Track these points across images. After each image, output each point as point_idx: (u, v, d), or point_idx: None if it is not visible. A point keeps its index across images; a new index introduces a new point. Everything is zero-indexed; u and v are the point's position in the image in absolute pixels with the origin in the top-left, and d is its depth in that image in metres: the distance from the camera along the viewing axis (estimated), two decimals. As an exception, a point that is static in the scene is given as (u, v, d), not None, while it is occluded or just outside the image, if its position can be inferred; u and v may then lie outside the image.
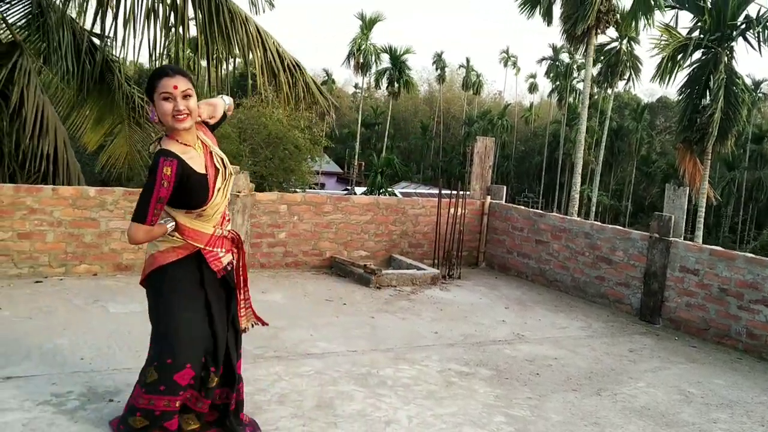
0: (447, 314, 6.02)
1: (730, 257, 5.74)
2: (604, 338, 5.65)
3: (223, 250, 3.14)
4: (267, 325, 3.51)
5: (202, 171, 2.98)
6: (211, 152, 3.08)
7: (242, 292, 3.30)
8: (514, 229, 7.98)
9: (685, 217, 6.22)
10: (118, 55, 7.74)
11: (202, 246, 3.05)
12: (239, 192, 6.65)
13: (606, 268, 6.78)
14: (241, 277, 3.27)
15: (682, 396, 4.41)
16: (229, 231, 3.20)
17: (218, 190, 3.04)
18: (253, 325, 3.44)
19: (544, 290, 7.32)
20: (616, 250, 6.69)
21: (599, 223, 7.07)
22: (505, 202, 8.60)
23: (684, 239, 6.28)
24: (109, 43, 7.51)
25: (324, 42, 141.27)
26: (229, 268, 3.18)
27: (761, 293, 5.47)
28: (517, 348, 5.16)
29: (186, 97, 2.91)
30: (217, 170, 3.06)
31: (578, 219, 7.38)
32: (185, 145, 2.97)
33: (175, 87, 2.89)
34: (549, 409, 3.98)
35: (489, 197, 8.44)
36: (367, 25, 52.59)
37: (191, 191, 2.94)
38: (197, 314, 3.06)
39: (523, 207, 8.17)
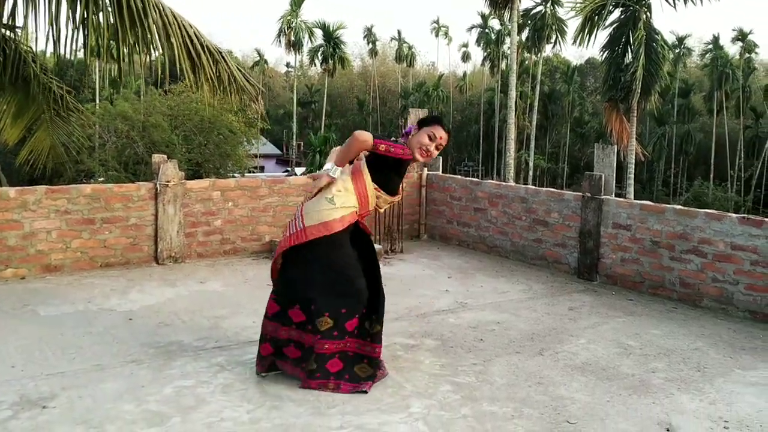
0: (391, 289, 5.99)
1: (659, 210, 5.90)
2: (545, 299, 5.76)
3: None
4: None
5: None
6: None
7: None
8: (453, 199, 8.03)
9: (614, 174, 6.36)
10: (30, 46, 7.37)
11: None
12: (168, 182, 6.48)
13: (543, 230, 6.90)
14: None
15: (622, 349, 4.53)
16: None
17: (391, 202, 4.02)
18: None
19: (485, 257, 7.40)
20: (551, 212, 6.81)
21: (533, 187, 7.17)
22: (444, 172, 8.63)
23: (617, 196, 6.42)
24: (20, 34, 7.13)
25: (255, 20, 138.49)
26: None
27: (691, 243, 5.65)
28: (461, 316, 5.20)
29: (438, 147, 3.83)
30: None
31: (513, 184, 7.47)
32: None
33: (441, 138, 3.81)
34: (494, 373, 4.03)
35: (426, 169, 8.46)
36: (296, 1, 51.73)
37: (392, 180, 3.90)
38: None
39: (459, 176, 8.22)
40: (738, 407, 3.65)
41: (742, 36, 54.88)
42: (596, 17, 21.66)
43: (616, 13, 22.05)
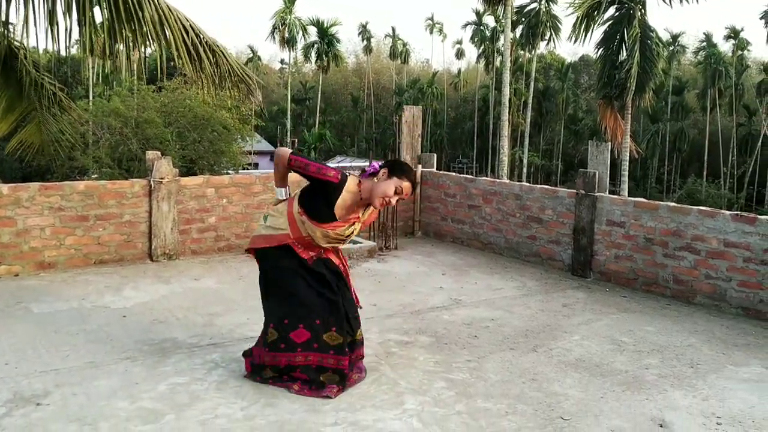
0: (385, 285, 6.03)
1: (653, 207, 5.92)
2: (539, 296, 5.77)
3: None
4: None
5: (339, 214, 3.60)
6: (356, 222, 3.72)
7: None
8: (447, 196, 8.03)
9: (608, 172, 6.37)
10: (21, 41, 7.31)
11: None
12: (162, 178, 6.46)
13: (537, 227, 6.91)
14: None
15: (615, 345, 4.54)
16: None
17: (326, 235, 3.62)
18: None
19: (480, 254, 7.41)
20: (545, 209, 6.82)
21: (528, 184, 7.18)
22: (438, 169, 8.64)
23: (611, 193, 6.44)
24: (12, 30, 7.09)
25: (254, 20, 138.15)
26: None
27: (684, 240, 5.67)
28: (455, 313, 5.21)
29: (400, 200, 3.66)
30: (347, 223, 3.67)
31: (507, 181, 7.49)
32: (359, 202, 3.66)
33: (407, 194, 3.62)
34: (488, 370, 4.04)
35: (420, 166, 8.46)
36: (290, -3, 51.66)
37: (319, 206, 3.58)
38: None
39: (454, 173, 8.23)
40: (730, 403, 3.67)
41: (734, 34, 55.02)
42: (594, 13, 21.71)
43: (611, 11, 22.11)
